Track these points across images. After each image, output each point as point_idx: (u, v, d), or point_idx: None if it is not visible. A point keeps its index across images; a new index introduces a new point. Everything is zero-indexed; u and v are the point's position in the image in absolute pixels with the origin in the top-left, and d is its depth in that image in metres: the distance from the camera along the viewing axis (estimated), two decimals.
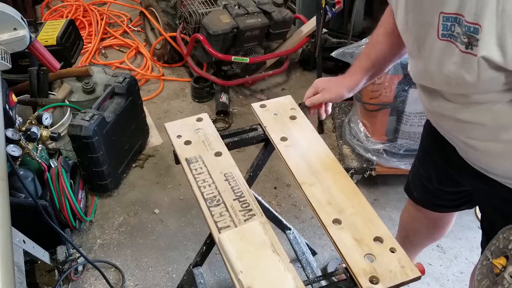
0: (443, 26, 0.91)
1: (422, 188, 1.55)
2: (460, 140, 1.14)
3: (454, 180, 1.37)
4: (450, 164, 1.32)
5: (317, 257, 2.22)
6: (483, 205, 1.34)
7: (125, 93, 2.53)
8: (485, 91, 0.93)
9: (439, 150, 1.35)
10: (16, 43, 1.72)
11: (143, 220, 2.43)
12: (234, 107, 3.20)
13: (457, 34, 0.89)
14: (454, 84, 0.97)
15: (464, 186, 1.36)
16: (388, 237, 1.08)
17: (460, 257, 2.24)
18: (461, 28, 0.87)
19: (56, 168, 2.08)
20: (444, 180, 1.43)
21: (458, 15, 0.87)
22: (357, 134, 2.50)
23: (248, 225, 1.05)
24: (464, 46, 0.88)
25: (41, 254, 1.84)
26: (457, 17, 0.87)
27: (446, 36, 0.92)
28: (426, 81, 1.11)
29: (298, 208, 2.48)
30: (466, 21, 0.85)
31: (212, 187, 1.21)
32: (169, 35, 3.35)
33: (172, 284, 2.11)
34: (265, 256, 0.97)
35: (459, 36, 0.88)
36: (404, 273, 1.00)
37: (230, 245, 0.98)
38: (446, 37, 0.92)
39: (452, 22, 0.89)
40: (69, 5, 4.16)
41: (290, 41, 3.32)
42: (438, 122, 1.22)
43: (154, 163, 2.77)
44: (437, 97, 1.10)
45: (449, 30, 0.91)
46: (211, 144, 1.36)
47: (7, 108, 1.83)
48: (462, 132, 1.11)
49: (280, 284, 0.92)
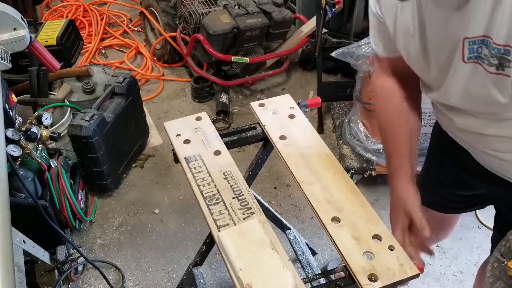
0: (469, 50, 0.88)
1: (433, 193, 1.52)
2: (482, 151, 1.12)
3: (468, 184, 1.34)
4: (463, 169, 1.29)
5: (317, 257, 2.22)
6: (499, 206, 1.33)
7: (125, 93, 2.53)
8: None
9: (452, 155, 1.31)
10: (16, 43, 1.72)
11: (143, 220, 2.43)
12: (234, 107, 3.20)
13: (484, 56, 0.86)
14: (481, 103, 0.95)
15: (479, 189, 1.34)
16: (387, 235, 1.08)
17: (460, 257, 2.24)
18: (490, 50, 0.84)
19: (56, 168, 2.09)
20: (457, 185, 1.40)
21: (486, 37, 0.84)
22: (357, 134, 2.50)
23: (247, 223, 1.05)
24: (494, 68, 0.85)
25: (41, 254, 1.84)
26: (484, 39, 0.84)
27: (473, 58, 0.89)
28: (449, 101, 1.06)
29: (298, 208, 2.48)
30: (495, 43, 0.82)
31: (211, 185, 1.22)
32: (169, 35, 3.35)
33: (172, 284, 2.11)
34: (264, 253, 0.97)
35: (486, 58, 0.86)
36: (402, 271, 1.00)
37: (229, 243, 0.99)
38: (473, 59, 0.89)
39: (479, 44, 0.86)
40: (69, 5, 4.17)
41: (290, 41, 3.33)
42: (458, 135, 1.19)
43: (154, 163, 2.78)
44: (461, 113, 1.06)
45: (475, 53, 0.88)
46: (210, 143, 1.36)
47: (7, 108, 1.82)
48: (487, 145, 1.09)
49: (280, 281, 0.92)
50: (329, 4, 2.52)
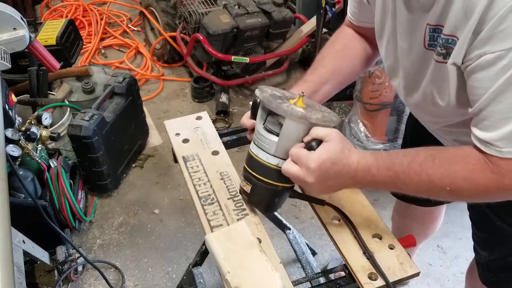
0: (429, 36, 0.91)
1: None
2: (452, 143, 1.16)
3: None
4: None
5: (317, 257, 2.22)
6: None
7: (125, 93, 2.53)
8: None
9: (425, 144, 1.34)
10: (15, 43, 1.72)
11: (142, 220, 2.43)
12: (234, 107, 3.20)
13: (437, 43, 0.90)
14: None
15: None
16: (387, 234, 1.08)
17: (460, 257, 2.24)
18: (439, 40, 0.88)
19: (55, 168, 2.08)
20: None
21: (439, 26, 0.88)
22: (357, 134, 2.50)
23: (235, 225, 1.05)
24: (441, 57, 0.89)
25: (40, 254, 1.84)
26: (437, 28, 0.88)
27: (432, 46, 0.93)
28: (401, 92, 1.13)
29: (298, 208, 2.47)
30: (443, 34, 0.86)
31: (207, 185, 1.21)
32: (169, 35, 3.35)
33: (172, 284, 2.11)
34: (252, 255, 0.96)
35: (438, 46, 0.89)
36: (402, 269, 1.00)
37: (217, 245, 0.98)
38: (432, 47, 0.93)
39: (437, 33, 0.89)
40: (69, 5, 4.17)
41: (290, 41, 3.32)
42: (426, 124, 1.22)
43: (154, 163, 2.77)
44: None
45: (434, 41, 0.91)
46: (209, 142, 1.36)
47: (7, 108, 1.82)
48: (453, 136, 1.13)
49: (268, 283, 0.91)
50: (329, 4, 2.52)
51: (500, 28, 0.74)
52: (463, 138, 1.08)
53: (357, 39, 1.23)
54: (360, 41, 1.23)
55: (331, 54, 1.22)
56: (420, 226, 1.77)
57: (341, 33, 1.26)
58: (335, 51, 1.22)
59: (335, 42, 1.25)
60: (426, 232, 1.83)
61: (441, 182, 0.86)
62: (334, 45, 1.24)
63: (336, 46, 1.24)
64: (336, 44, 1.24)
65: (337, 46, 1.24)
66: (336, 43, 1.24)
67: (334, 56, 1.21)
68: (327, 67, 1.19)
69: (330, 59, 1.21)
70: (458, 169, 0.85)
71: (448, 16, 0.83)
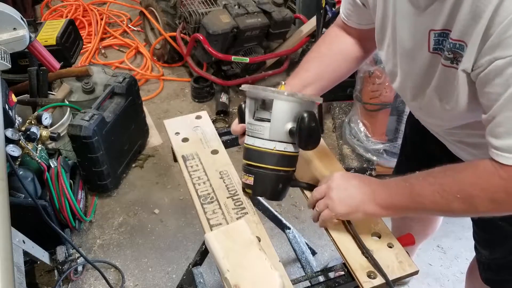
0: (435, 41, 0.91)
1: None
2: (453, 143, 1.16)
3: None
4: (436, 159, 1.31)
5: (317, 257, 2.21)
6: None
7: (125, 93, 2.53)
8: None
9: (426, 145, 1.34)
10: (15, 43, 1.72)
11: (142, 220, 2.43)
12: (234, 107, 3.20)
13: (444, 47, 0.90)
14: None
15: None
16: (386, 233, 1.08)
17: (460, 257, 2.24)
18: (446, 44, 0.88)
19: (55, 168, 2.08)
20: None
21: (446, 30, 0.88)
22: (357, 134, 2.50)
23: (234, 224, 1.05)
24: (449, 61, 0.88)
25: (40, 254, 1.84)
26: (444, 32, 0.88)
27: (437, 49, 0.92)
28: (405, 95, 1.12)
29: (298, 208, 2.47)
30: (451, 39, 0.86)
31: (207, 184, 1.22)
32: (169, 35, 3.35)
33: (172, 284, 2.11)
34: (251, 254, 0.96)
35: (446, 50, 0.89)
36: (401, 268, 1.00)
37: (217, 244, 0.98)
38: (437, 50, 0.92)
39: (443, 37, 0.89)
40: (69, 5, 4.17)
41: (290, 41, 3.32)
42: (426, 125, 1.22)
43: (154, 163, 2.77)
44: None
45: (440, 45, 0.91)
46: (208, 142, 1.37)
47: (7, 108, 1.82)
48: (453, 137, 1.12)
49: (267, 281, 0.92)
50: (329, 4, 2.52)
51: (509, 33, 0.74)
52: (466, 139, 1.07)
53: (346, 40, 1.23)
54: (350, 42, 1.23)
55: (316, 59, 1.23)
56: (420, 226, 1.77)
57: (328, 35, 1.27)
58: (321, 55, 1.23)
59: (321, 45, 1.26)
60: (426, 232, 1.83)
61: (451, 189, 0.87)
62: (320, 48, 1.25)
63: (321, 50, 1.25)
64: (322, 48, 1.25)
65: (322, 49, 1.25)
66: (321, 46, 1.25)
67: (318, 60, 1.22)
68: (310, 71, 1.21)
69: (314, 63, 1.22)
70: (466, 175, 0.87)
71: (456, 21, 0.83)
